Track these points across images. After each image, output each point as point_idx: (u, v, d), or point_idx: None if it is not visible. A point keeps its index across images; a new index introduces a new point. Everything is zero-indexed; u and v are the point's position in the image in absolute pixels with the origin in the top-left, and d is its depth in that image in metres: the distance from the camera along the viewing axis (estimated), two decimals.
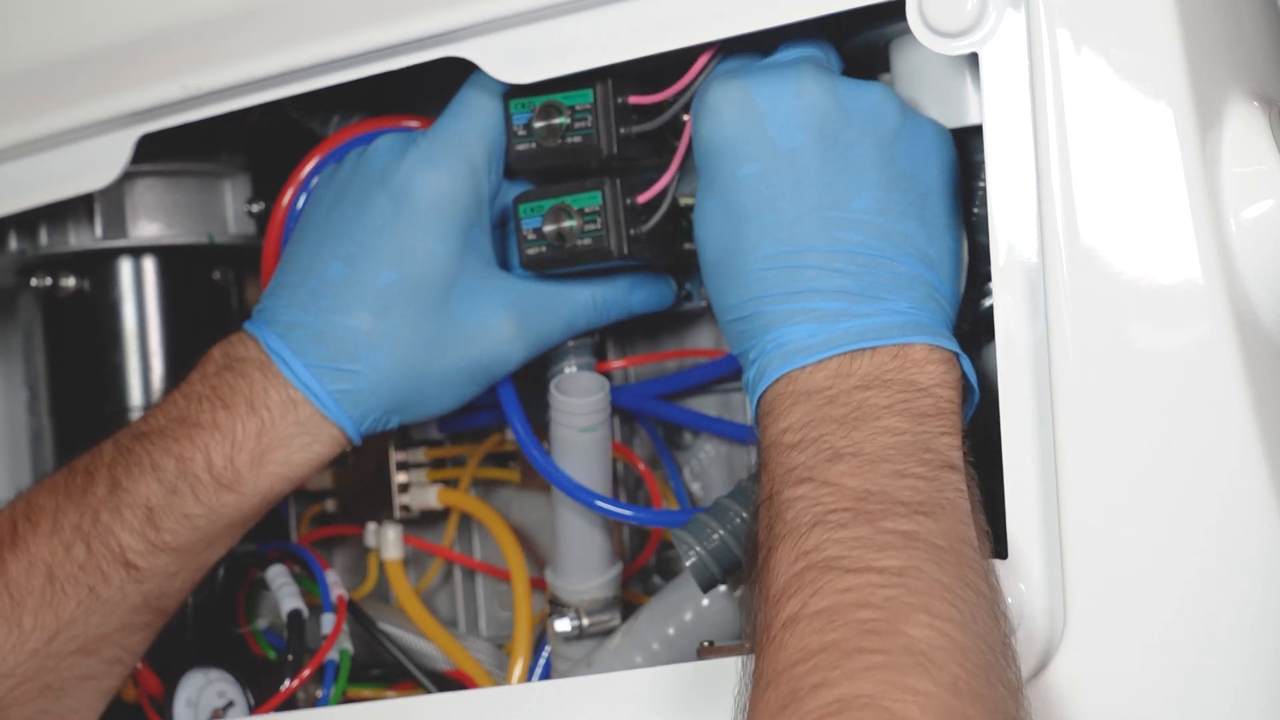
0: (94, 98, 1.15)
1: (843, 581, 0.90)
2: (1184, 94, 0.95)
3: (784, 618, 0.90)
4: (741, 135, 1.01)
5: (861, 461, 0.95)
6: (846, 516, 0.93)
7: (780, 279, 1.00)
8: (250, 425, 1.10)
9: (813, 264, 1.00)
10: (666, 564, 1.25)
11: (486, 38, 1.07)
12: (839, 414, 0.97)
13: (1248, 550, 0.95)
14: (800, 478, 0.95)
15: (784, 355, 0.99)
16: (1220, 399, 0.95)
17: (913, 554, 0.91)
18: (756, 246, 1.01)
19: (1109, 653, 0.95)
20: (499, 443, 1.25)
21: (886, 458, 0.95)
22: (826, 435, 0.96)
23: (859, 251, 1.00)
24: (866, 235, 1.00)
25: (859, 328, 0.99)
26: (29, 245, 1.29)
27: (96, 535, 1.10)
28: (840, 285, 0.99)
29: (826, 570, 0.91)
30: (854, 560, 0.91)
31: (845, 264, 1.00)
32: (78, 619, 1.10)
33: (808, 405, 0.98)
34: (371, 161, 1.12)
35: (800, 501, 0.94)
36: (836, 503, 0.93)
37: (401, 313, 1.10)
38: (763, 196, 1.01)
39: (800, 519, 0.93)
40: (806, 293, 1.00)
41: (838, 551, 0.91)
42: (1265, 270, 0.96)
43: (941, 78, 1.03)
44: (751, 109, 1.01)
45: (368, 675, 1.25)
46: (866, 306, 0.99)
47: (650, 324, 1.22)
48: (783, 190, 1.00)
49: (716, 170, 1.02)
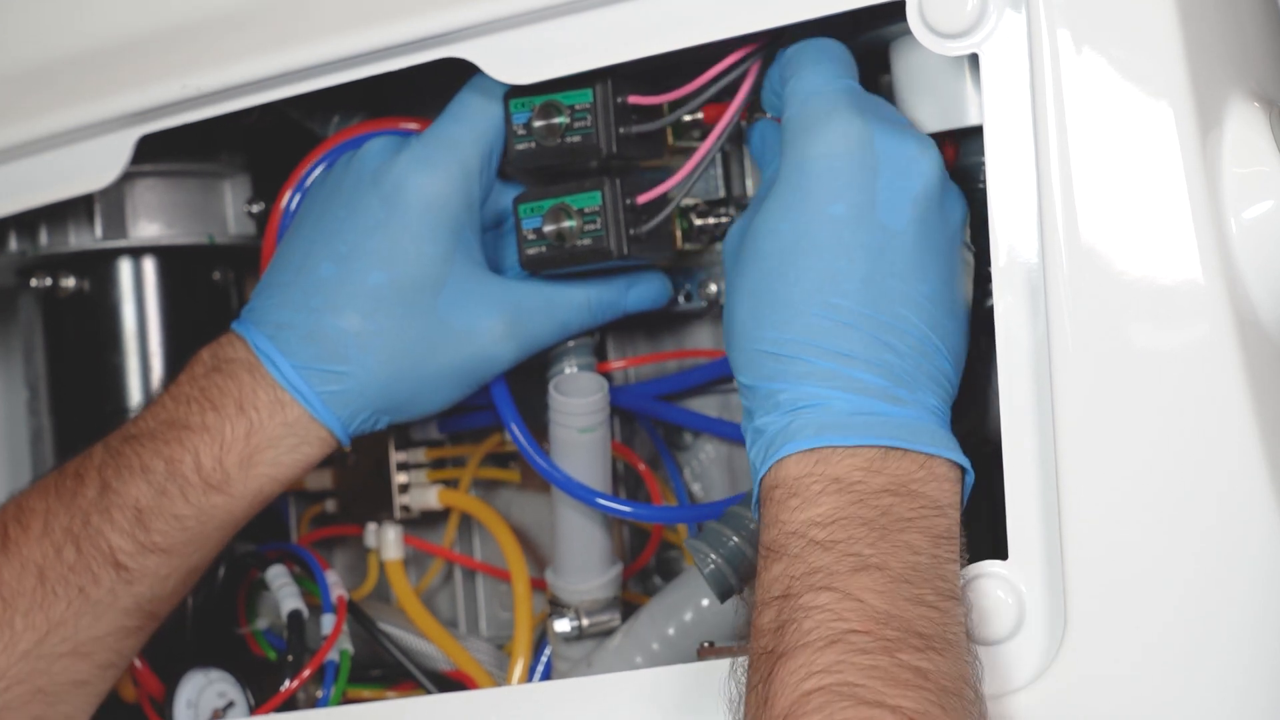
0: (94, 98, 1.15)
1: (855, 712, 0.86)
2: (1184, 94, 0.95)
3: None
4: (847, 175, 0.98)
5: (886, 578, 0.91)
6: (867, 641, 0.89)
7: (833, 332, 0.96)
8: (239, 427, 1.10)
9: (868, 330, 0.96)
10: (666, 564, 1.25)
11: (486, 38, 1.07)
12: (867, 516, 0.93)
13: (1248, 550, 0.95)
14: (822, 584, 0.91)
15: (821, 425, 0.95)
16: (1220, 399, 0.95)
17: (925, 696, 0.87)
18: (819, 289, 0.97)
19: (1109, 653, 0.95)
20: (499, 443, 1.25)
21: (908, 578, 0.91)
22: (855, 540, 0.92)
23: (910, 333, 0.97)
24: (921, 321, 0.97)
25: (898, 420, 0.95)
26: (29, 245, 1.29)
27: (86, 537, 1.10)
28: (886, 361, 0.96)
29: (840, 696, 0.87)
30: (869, 691, 0.87)
31: (896, 341, 0.96)
32: (68, 620, 1.10)
33: (837, 499, 0.93)
34: (364, 163, 1.12)
35: (820, 613, 0.90)
36: (859, 622, 0.89)
37: (391, 314, 1.10)
38: (842, 241, 0.97)
39: (818, 632, 0.89)
40: (853, 359, 0.96)
41: (854, 678, 0.87)
42: (1265, 270, 0.96)
43: (941, 78, 1.03)
44: (868, 156, 0.98)
45: (368, 676, 1.25)
46: (905, 394, 0.96)
47: (650, 324, 1.22)
48: (864, 246, 0.97)
49: (805, 195, 0.98)
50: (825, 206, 0.98)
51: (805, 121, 1.00)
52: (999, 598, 0.97)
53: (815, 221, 0.98)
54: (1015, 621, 0.96)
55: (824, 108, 1.00)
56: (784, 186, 0.99)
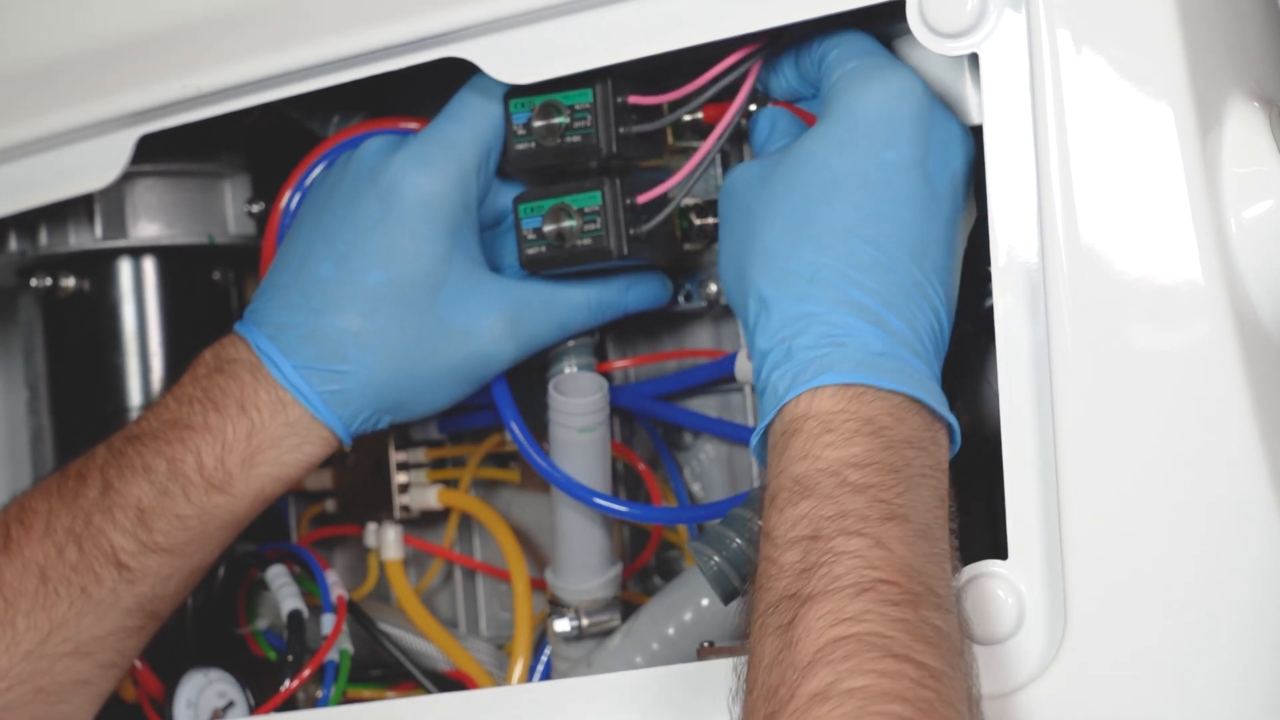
0: (94, 98, 1.15)
1: (884, 664, 0.85)
2: (1184, 94, 0.95)
3: (813, 689, 0.85)
4: (906, 126, 0.98)
5: (911, 530, 0.90)
6: (895, 593, 0.88)
7: (874, 268, 0.96)
8: (241, 427, 1.10)
9: (902, 281, 0.96)
10: (666, 564, 1.25)
11: (486, 38, 1.07)
12: (895, 464, 0.92)
13: (1248, 550, 0.95)
14: (854, 529, 0.90)
15: (859, 361, 0.94)
16: (1220, 399, 0.95)
17: (943, 654, 0.87)
18: (866, 223, 0.96)
19: (1109, 653, 0.95)
20: (499, 443, 1.25)
21: (925, 534, 0.91)
22: (886, 486, 0.91)
23: (933, 299, 0.97)
24: (940, 293, 0.98)
25: (920, 374, 0.95)
26: (29, 245, 1.29)
27: (89, 537, 1.10)
28: (912, 317, 0.96)
29: (870, 646, 0.86)
30: (898, 644, 0.86)
31: (922, 302, 0.97)
32: (70, 620, 1.10)
33: (871, 441, 0.92)
34: (361, 162, 1.12)
35: (852, 559, 0.89)
36: (888, 572, 0.88)
37: (390, 313, 1.10)
38: (893, 187, 0.97)
39: (849, 578, 0.88)
40: (888, 300, 0.96)
41: (883, 629, 0.86)
42: (1265, 270, 0.96)
43: (942, 78, 1.03)
44: (925, 115, 0.99)
45: (368, 675, 1.25)
46: (922, 352, 0.96)
47: (650, 324, 1.22)
48: (912, 197, 0.97)
49: (861, 136, 0.98)
50: (881, 150, 0.98)
51: (867, 70, 1.00)
52: (999, 598, 0.97)
53: (870, 162, 0.98)
54: (1015, 621, 0.96)
55: (886, 63, 1.01)
56: (836, 126, 0.99)
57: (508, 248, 1.15)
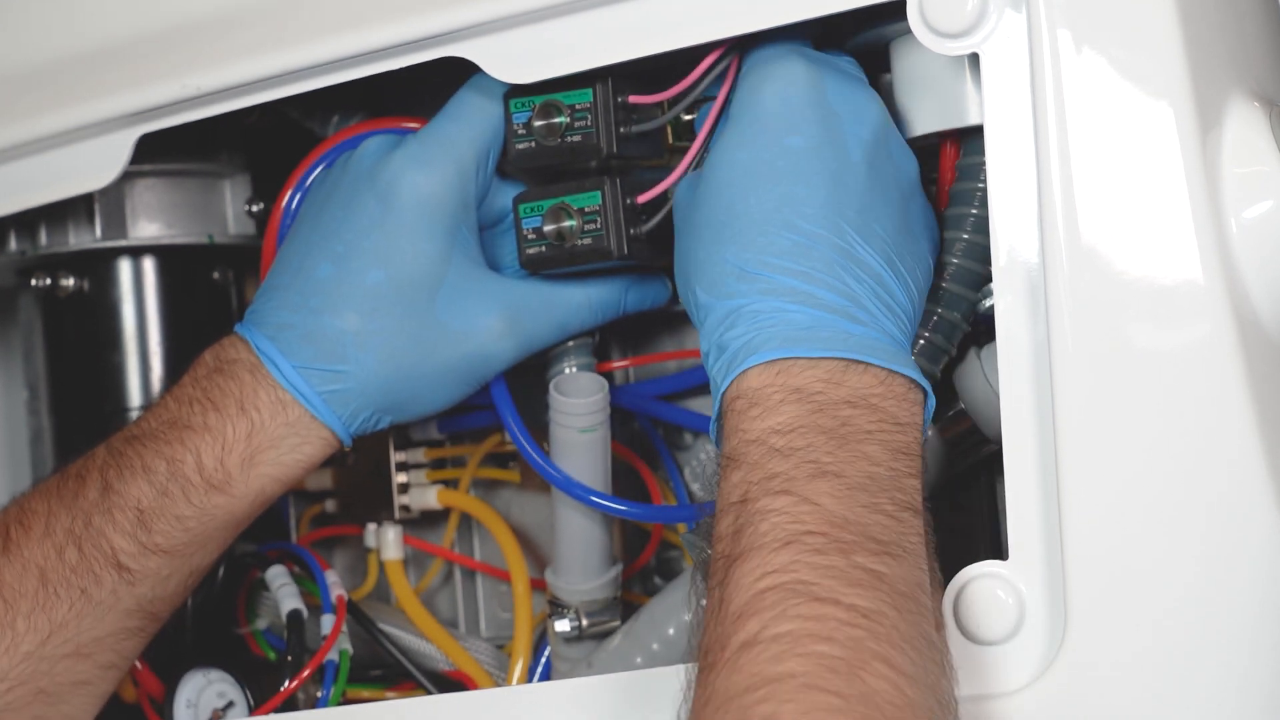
0: (94, 98, 1.15)
1: (809, 609, 0.87)
2: (1184, 94, 0.95)
3: (742, 638, 0.87)
4: (802, 110, 1.01)
5: (843, 484, 0.93)
6: (822, 541, 0.90)
7: (794, 251, 0.98)
8: (240, 427, 1.10)
9: (826, 255, 0.98)
10: (666, 564, 1.25)
11: (486, 38, 1.07)
12: (827, 425, 0.95)
13: (1247, 550, 0.95)
14: (779, 489, 0.92)
15: (784, 337, 0.97)
16: (1220, 399, 0.95)
17: (879, 596, 0.89)
18: (780, 209, 0.99)
19: (1110, 653, 0.95)
20: (499, 443, 1.25)
21: (864, 486, 0.93)
22: (814, 446, 0.94)
23: (868, 262, 0.99)
24: (876, 254, 0.99)
25: (858, 337, 0.97)
26: (29, 245, 1.29)
27: (88, 538, 1.10)
28: (845, 283, 0.98)
29: (793, 594, 0.88)
30: (823, 589, 0.88)
31: (854, 266, 0.99)
32: (70, 621, 1.10)
33: (798, 408, 0.95)
34: (360, 162, 1.12)
35: (776, 515, 0.91)
36: (814, 524, 0.91)
37: (389, 313, 1.10)
38: (801, 170, 1.00)
39: (773, 534, 0.91)
40: (813, 277, 0.98)
41: (809, 576, 0.89)
42: (1266, 270, 0.96)
43: (942, 78, 1.03)
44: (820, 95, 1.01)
45: (368, 676, 1.25)
46: (864, 316, 0.98)
47: (650, 324, 1.22)
48: (821, 175, 1.00)
49: (762, 129, 1.01)
50: (782, 138, 1.00)
51: (757, 68, 1.03)
52: (999, 598, 0.97)
53: (773, 151, 1.00)
54: (1015, 621, 0.96)
55: (774, 55, 1.03)
56: (739, 123, 1.02)
57: (507, 247, 1.15)
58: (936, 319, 1.05)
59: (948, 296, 1.05)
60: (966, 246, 1.05)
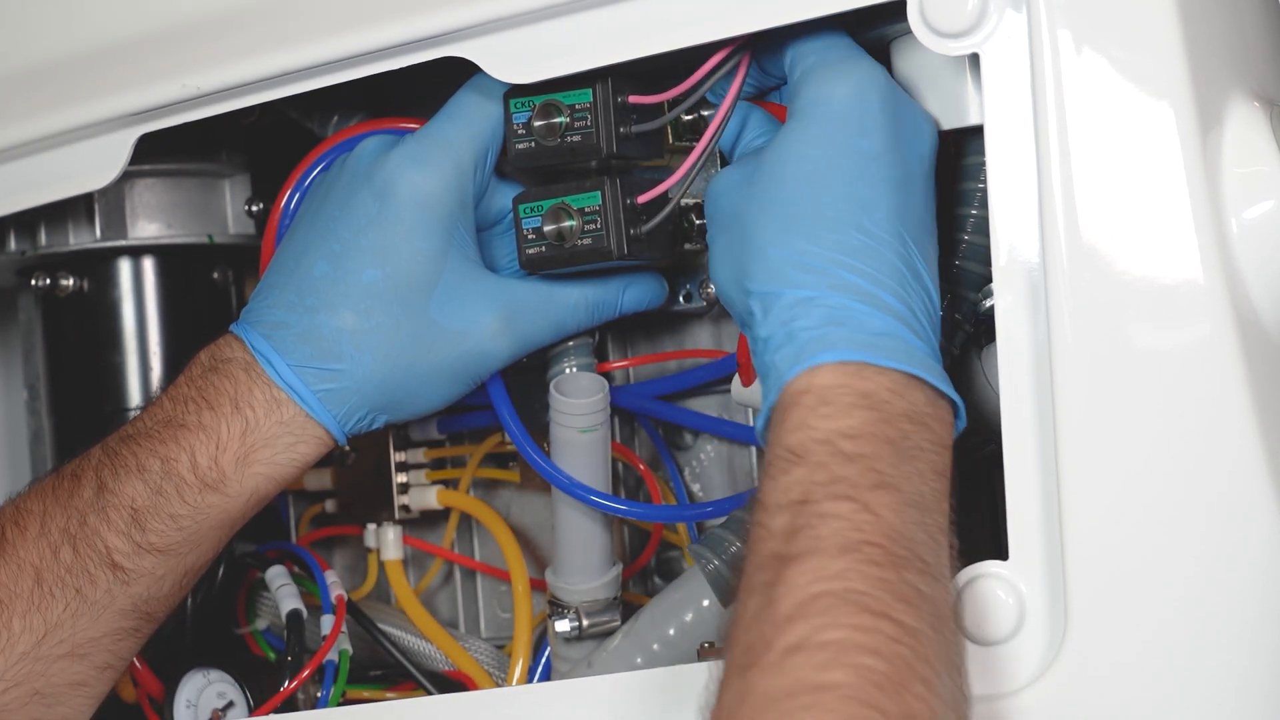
0: (94, 98, 1.15)
1: (860, 619, 0.87)
2: (1185, 94, 0.95)
3: (790, 641, 0.87)
4: (874, 116, 1.00)
5: (900, 499, 0.92)
6: (878, 553, 0.89)
7: (863, 252, 0.98)
8: (235, 426, 1.10)
9: (891, 261, 0.98)
10: (666, 564, 1.25)
11: (486, 38, 1.07)
12: (891, 437, 0.94)
13: (1247, 550, 0.95)
14: (843, 494, 0.92)
15: (858, 340, 0.96)
16: (1220, 399, 0.95)
17: (924, 616, 0.89)
18: (852, 211, 0.99)
19: (1110, 653, 0.95)
20: (499, 443, 1.25)
21: (916, 504, 0.93)
22: (879, 457, 0.93)
23: (921, 274, 0.99)
24: (927, 270, 1.00)
25: (921, 352, 0.97)
26: (29, 245, 1.29)
27: (83, 538, 1.10)
28: (905, 295, 0.98)
29: (847, 602, 0.88)
30: (875, 601, 0.88)
31: (911, 280, 0.99)
32: (65, 622, 1.10)
33: (867, 414, 0.94)
34: (358, 161, 1.12)
35: (837, 520, 0.91)
36: (873, 535, 0.90)
37: (385, 311, 1.10)
38: (870, 174, 0.99)
39: (833, 539, 0.90)
40: (880, 280, 0.98)
41: (862, 586, 0.88)
42: (1266, 270, 0.96)
43: (942, 78, 1.03)
44: (889, 103, 1.01)
45: (367, 676, 1.25)
46: (919, 330, 0.98)
47: (650, 324, 1.22)
48: (888, 182, 0.99)
49: (835, 128, 1.00)
50: (854, 140, 1.00)
51: (828, 64, 1.02)
52: (999, 598, 0.97)
53: (845, 153, 1.00)
54: (1015, 621, 0.96)
55: (846, 55, 1.03)
56: (809, 119, 1.01)
57: (505, 248, 1.15)
58: None
59: (948, 297, 1.05)
60: (967, 247, 1.05)
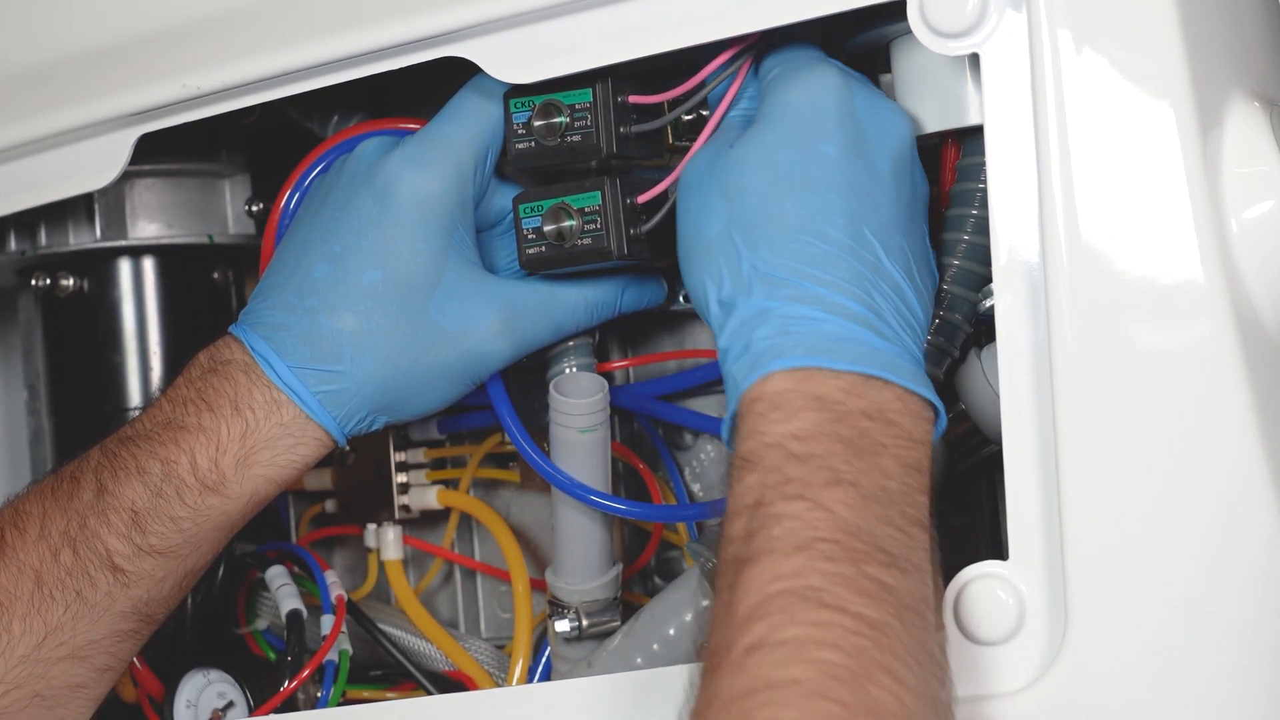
0: (94, 98, 1.15)
1: (817, 615, 0.88)
2: (1185, 94, 0.95)
3: (749, 641, 0.88)
4: (834, 120, 1.01)
5: (857, 494, 0.93)
6: (834, 550, 0.90)
7: (824, 260, 0.99)
8: (235, 427, 1.10)
9: (854, 263, 0.99)
10: (666, 564, 1.25)
11: (487, 38, 1.07)
12: (845, 435, 0.95)
13: (1248, 550, 0.95)
14: (795, 494, 0.93)
15: (810, 345, 0.97)
16: (1220, 399, 0.95)
17: (886, 608, 0.89)
18: (812, 218, 0.99)
19: (1110, 653, 0.95)
20: (499, 443, 1.25)
21: (877, 498, 0.93)
22: (831, 455, 0.94)
23: (890, 274, 0.99)
24: (898, 266, 1.00)
25: (881, 351, 0.97)
26: (29, 245, 1.29)
27: (83, 540, 1.10)
28: (869, 295, 0.99)
29: (803, 599, 0.88)
30: (832, 596, 0.89)
31: (878, 279, 0.99)
32: (65, 624, 1.10)
33: (818, 415, 0.95)
34: (357, 162, 1.12)
35: (791, 520, 0.92)
36: (827, 531, 0.91)
37: (385, 313, 1.10)
38: (833, 179, 1.00)
39: (786, 539, 0.91)
40: (841, 287, 0.98)
41: (818, 583, 0.89)
42: (1266, 270, 0.96)
43: (942, 78, 1.03)
44: (850, 105, 1.01)
45: (367, 676, 1.25)
46: (887, 330, 0.98)
47: (650, 324, 1.22)
48: (851, 185, 1.00)
49: (797, 134, 1.01)
50: (818, 145, 1.01)
51: (788, 71, 1.03)
52: (999, 598, 0.97)
53: (809, 158, 1.00)
54: (1015, 622, 0.96)
55: (805, 59, 1.04)
56: (772, 125, 1.02)
57: (504, 248, 1.15)
58: (939, 321, 1.05)
59: (949, 298, 1.05)
60: (967, 248, 1.05)
